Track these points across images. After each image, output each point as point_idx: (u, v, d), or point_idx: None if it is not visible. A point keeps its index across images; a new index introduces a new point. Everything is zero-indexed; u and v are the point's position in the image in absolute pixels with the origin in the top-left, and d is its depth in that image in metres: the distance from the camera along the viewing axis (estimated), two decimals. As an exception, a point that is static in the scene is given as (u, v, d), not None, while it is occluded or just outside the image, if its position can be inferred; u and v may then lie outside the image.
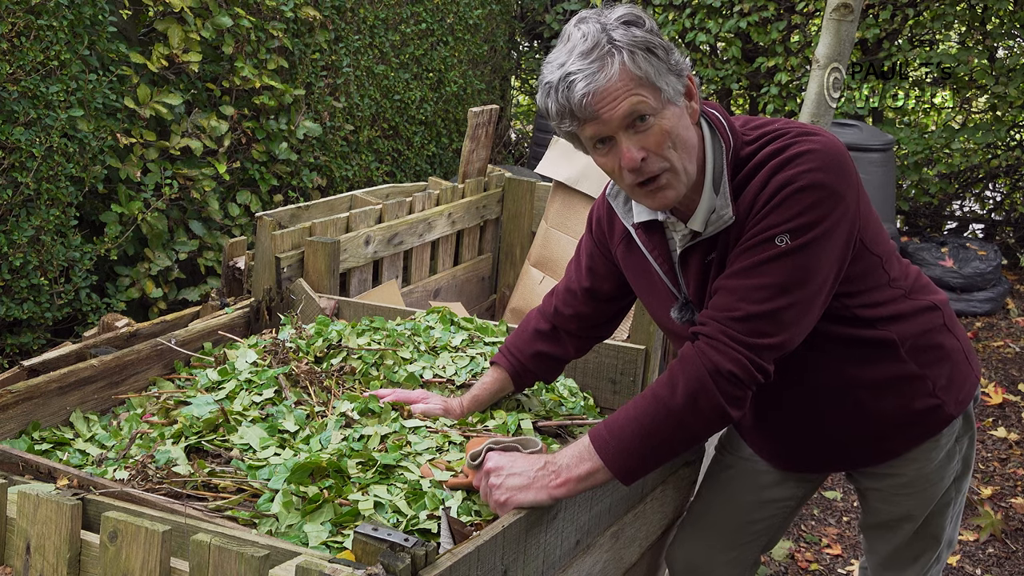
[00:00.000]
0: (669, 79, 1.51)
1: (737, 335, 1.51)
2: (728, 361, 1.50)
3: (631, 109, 1.48)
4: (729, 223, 1.57)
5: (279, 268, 2.67)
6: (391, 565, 1.19)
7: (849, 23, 3.01)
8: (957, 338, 1.77)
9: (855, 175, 1.55)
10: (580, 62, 1.47)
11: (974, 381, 1.81)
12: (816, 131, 1.57)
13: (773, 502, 1.96)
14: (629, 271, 1.82)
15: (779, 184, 1.50)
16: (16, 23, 3.15)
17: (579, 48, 1.48)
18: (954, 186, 6.60)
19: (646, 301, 1.83)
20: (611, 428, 1.55)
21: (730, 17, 6.41)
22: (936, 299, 1.75)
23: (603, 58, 1.46)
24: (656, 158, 1.52)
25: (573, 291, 1.93)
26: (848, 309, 1.63)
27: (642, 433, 1.52)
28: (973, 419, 1.84)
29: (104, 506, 1.50)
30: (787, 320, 1.51)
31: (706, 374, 1.51)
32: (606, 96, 1.47)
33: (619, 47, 1.47)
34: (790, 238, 1.49)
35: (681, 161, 1.54)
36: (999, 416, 4.26)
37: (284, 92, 4.43)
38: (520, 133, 8.40)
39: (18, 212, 3.32)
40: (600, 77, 1.46)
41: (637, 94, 1.48)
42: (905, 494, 1.83)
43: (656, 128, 1.50)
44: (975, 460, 3.81)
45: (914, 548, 1.92)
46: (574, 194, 3.50)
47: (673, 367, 1.56)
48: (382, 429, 1.83)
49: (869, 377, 1.69)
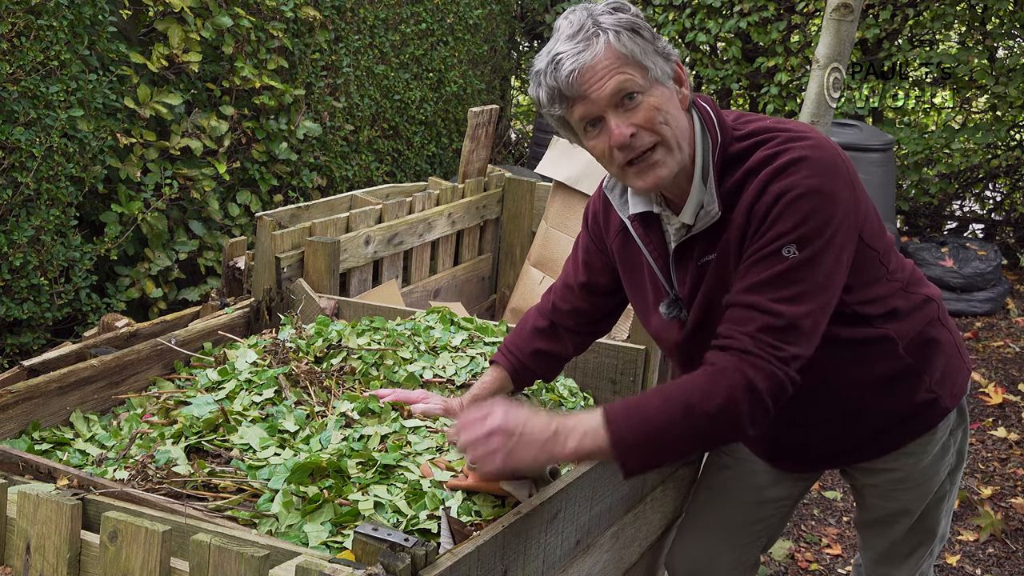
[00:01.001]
0: (656, 59, 1.53)
1: (770, 349, 1.49)
2: (764, 377, 1.48)
3: (618, 87, 1.49)
4: (715, 218, 1.57)
5: (279, 268, 2.67)
6: (391, 565, 1.19)
7: (849, 23, 3.01)
8: (949, 331, 1.79)
9: (849, 173, 1.55)
10: (566, 44, 1.50)
11: (966, 374, 1.82)
12: (805, 133, 1.57)
13: (771, 502, 1.95)
14: (623, 265, 1.81)
15: (776, 195, 1.50)
16: (16, 23, 3.15)
17: (566, 33, 1.52)
18: (954, 186, 6.60)
19: (634, 298, 1.82)
20: (630, 424, 1.49)
21: (730, 17, 6.41)
22: (930, 292, 1.77)
23: (589, 38, 1.49)
24: (646, 132, 1.52)
25: (570, 286, 1.93)
26: (847, 306, 1.62)
27: (658, 433, 1.49)
28: (966, 411, 1.86)
29: (104, 506, 1.50)
30: (808, 328, 1.51)
31: (741, 389, 1.48)
32: (593, 74, 1.49)
33: (604, 28, 1.50)
34: (797, 248, 1.49)
35: (675, 136, 1.54)
36: (999, 416, 4.26)
37: (284, 92, 4.43)
38: (520, 133, 8.40)
39: (18, 212, 3.32)
40: (586, 55, 1.48)
41: (623, 72, 1.49)
42: (902, 489, 1.84)
43: (645, 104, 1.51)
44: (975, 460, 3.85)
45: (910, 542, 1.92)
46: (574, 194, 3.50)
47: (709, 376, 1.51)
48: (382, 429, 1.83)
49: (869, 375, 1.69)
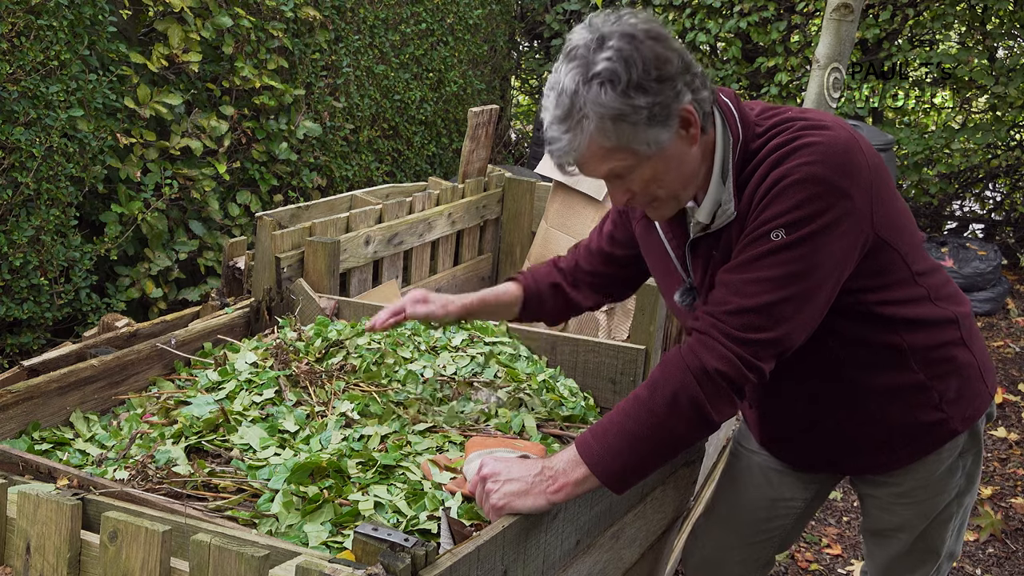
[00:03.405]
0: (648, 135, 1.47)
1: (728, 330, 1.49)
2: (716, 359, 1.48)
3: (607, 172, 1.53)
4: (732, 217, 1.56)
5: (279, 268, 2.67)
6: (391, 565, 1.19)
7: (849, 23, 3.01)
8: (973, 354, 1.72)
9: (866, 165, 1.50)
10: (557, 128, 1.49)
11: (986, 398, 1.76)
12: (826, 124, 1.52)
13: (781, 501, 1.95)
14: (645, 248, 1.84)
15: (775, 178, 1.49)
16: (16, 23, 3.15)
17: (553, 113, 1.49)
18: (954, 186, 6.60)
19: (658, 279, 1.84)
20: (595, 432, 1.52)
21: (730, 17, 6.41)
22: (959, 311, 1.71)
23: (575, 128, 1.47)
24: (642, 196, 1.58)
25: (592, 251, 1.97)
26: (866, 306, 1.59)
27: (625, 436, 1.49)
28: (981, 436, 1.79)
29: (104, 506, 1.50)
30: (782, 315, 1.48)
31: (689, 373, 1.48)
32: (584, 161, 1.52)
33: (588, 117, 1.45)
34: (785, 232, 1.46)
35: (670, 192, 1.57)
36: (999, 416, 4.26)
37: (284, 92, 4.43)
38: (520, 133, 8.39)
39: (18, 212, 3.32)
40: (576, 144, 1.48)
41: (609, 160, 1.50)
42: (902, 504, 1.81)
43: (638, 178, 1.54)
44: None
45: (911, 560, 1.89)
46: (574, 194, 3.50)
47: (662, 365, 1.54)
48: (382, 429, 1.83)
49: (875, 382, 1.66)
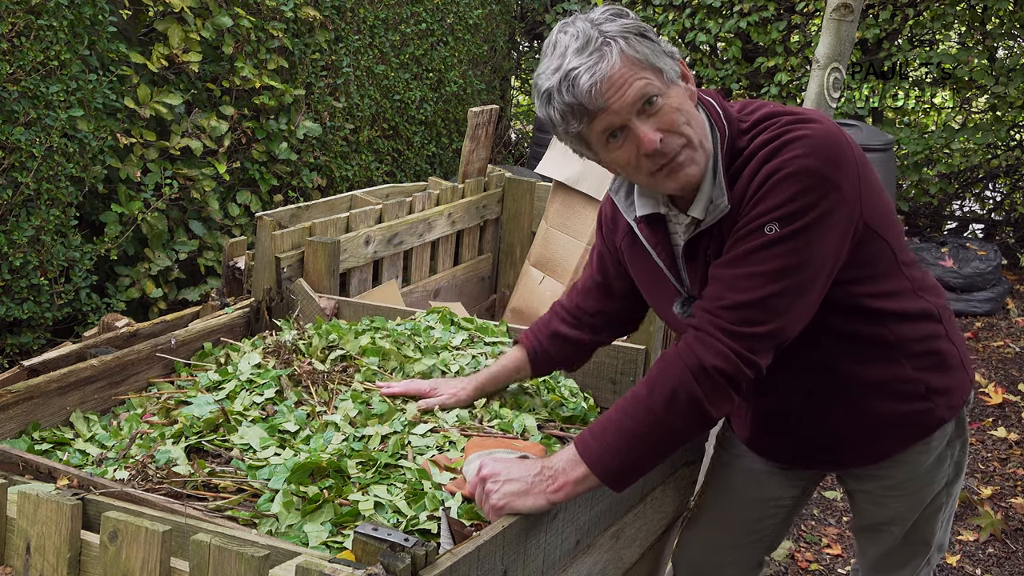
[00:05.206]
0: (666, 60, 1.51)
1: (724, 325, 1.49)
2: (713, 355, 1.48)
3: (640, 92, 1.47)
4: (725, 211, 1.56)
5: (279, 268, 2.67)
6: (391, 565, 1.19)
7: (849, 23, 3.01)
8: (954, 343, 1.75)
9: (854, 159, 1.52)
10: (577, 58, 1.46)
11: (968, 386, 1.79)
12: (811, 117, 1.54)
13: (769, 500, 1.95)
14: (633, 267, 1.82)
15: (768, 172, 1.49)
16: (16, 23, 3.15)
17: (572, 47, 1.47)
18: (954, 186, 6.60)
19: (649, 297, 1.82)
20: (594, 430, 1.53)
21: (730, 17, 6.41)
22: (939, 303, 1.74)
23: (600, 49, 1.46)
24: (674, 136, 1.51)
25: (588, 288, 1.94)
26: (854, 298, 1.60)
27: (623, 435, 1.50)
28: (966, 423, 1.81)
29: (104, 506, 1.49)
30: (777, 308, 1.49)
31: (687, 371, 1.49)
32: (613, 83, 1.46)
33: (613, 37, 1.47)
34: (779, 226, 1.47)
35: (697, 135, 1.54)
36: (999, 416, 4.26)
37: (284, 92, 4.43)
38: (520, 133, 8.39)
39: (18, 212, 3.32)
40: (603, 66, 1.45)
41: (642, 77, 1.47)
42: (893, 496, 1.82)
43: (667, 107, 1.50)
44: (975, 460, 3.84)
45: (904, 553, 1.90)
46: (574, 194, 3.50)
47: (659, 364, 1.54)
48: (382, 429, 1.83)
49: (864, 376, 1.67)
